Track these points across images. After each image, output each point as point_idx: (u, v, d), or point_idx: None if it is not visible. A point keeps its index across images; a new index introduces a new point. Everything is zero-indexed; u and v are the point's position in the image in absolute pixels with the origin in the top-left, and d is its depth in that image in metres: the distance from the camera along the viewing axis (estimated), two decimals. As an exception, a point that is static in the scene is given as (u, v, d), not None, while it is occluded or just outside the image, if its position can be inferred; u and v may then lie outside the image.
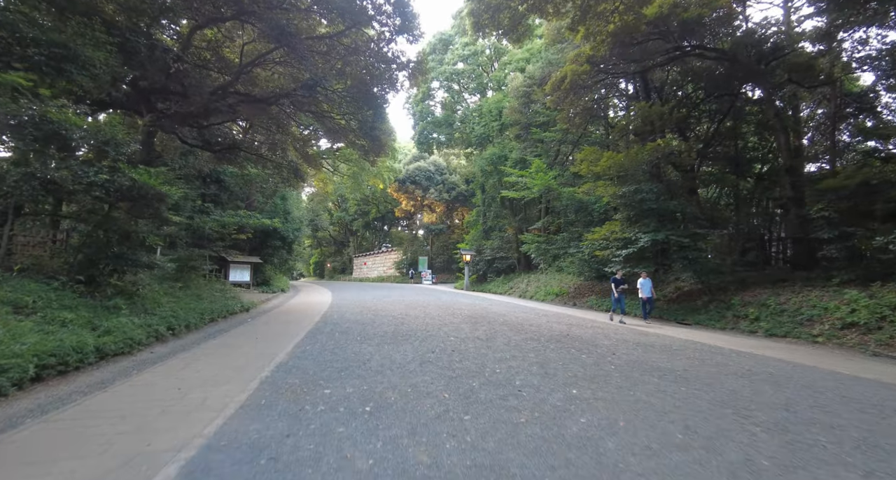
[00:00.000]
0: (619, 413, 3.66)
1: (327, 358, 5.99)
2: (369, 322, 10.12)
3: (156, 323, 7.46)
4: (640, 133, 13.93)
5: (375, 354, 6.23)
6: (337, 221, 54.77)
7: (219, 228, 18.88)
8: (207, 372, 5.25)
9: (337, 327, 9.32)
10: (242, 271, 21.43)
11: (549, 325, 9.76)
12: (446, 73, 24.49)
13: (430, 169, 42.56)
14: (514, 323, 10.12)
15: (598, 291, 17.48)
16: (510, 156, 21.67)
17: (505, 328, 9.02)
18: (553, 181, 17.02)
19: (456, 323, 10.02)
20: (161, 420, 3.55)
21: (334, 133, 16.09)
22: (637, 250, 12.52)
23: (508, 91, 20.19)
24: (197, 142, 16.25)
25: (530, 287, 22.31)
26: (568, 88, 14.14)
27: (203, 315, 9.76)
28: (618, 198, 12.97)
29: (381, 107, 14.18)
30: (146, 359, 6.11)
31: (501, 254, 27.29)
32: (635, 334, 9.01)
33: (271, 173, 18.76)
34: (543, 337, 7.74)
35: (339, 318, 10.95)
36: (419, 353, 6.25)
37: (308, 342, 7.48)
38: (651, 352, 6.69)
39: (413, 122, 28.24)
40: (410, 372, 5.12)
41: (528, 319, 10.98)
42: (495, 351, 6.37)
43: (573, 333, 8.48)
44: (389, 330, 8.80)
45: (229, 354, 6.46)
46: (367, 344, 7.18)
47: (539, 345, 6.88)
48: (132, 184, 6.79)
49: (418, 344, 7.08)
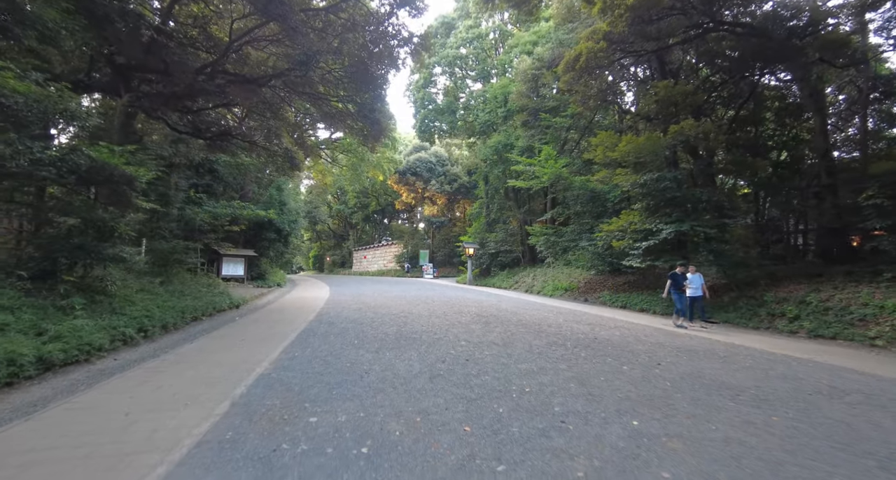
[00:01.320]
0: (712, 463, 2.66)
1: (318, 369, 5.04)
2: (368, 321, 9.17)
3: (123, 325, 6.51)
4: (660, 115, 12.86)
5: (375, 364, 5.28)
6: (336, 214, 53.76)
7: (211, 220, 17.96)
8: (170, 388, 4.29)
9: (332, 327, 8.37)
10: (236, 265, 20.47)
11: (569, 326, 8.80)
12: (449, 58, 23.28)
13: (431, 160, 41.44)
14: (529, 323, 9.16)
15: (610, 286, 16.53)
16: (516, 145, 20.58)
17: (522, 329, 8.05)
18: (564, 169, 15.98)
19: (465, 322, 9.07)
20: (76, 474, 2.59)
21: (331, 118, 15.04)
22: (659, 242, 11.55)
23: (515, 75, 19.07)
24: (187, 129, 15.23)
25: (537, 281, 21.37)
26: (584, 67, 13.04)
27: (184, 313, 8.81)
28: (637, 186, 11.95)
29: (382, 88, 13.12)
30: (105, 369, 5.16)
31: (506, 248, 26.30)
32: (666, 336, 8.06)
33: (266, 161, 17.74)
34: (569, 342, 6.77)
35: (335, 317, 10.00)
36: (427, 363, 5.29)
37: (298, 346, 6.53)
38: (698, 360, 5.74)
39: (414, 110, 27.07)
40: (418, 390, 4.16)
41: (543, 318, 10.03)
42: (517, 360, 5.40)
43: (600, 336, 7.52)
44: (391, 331, 7.84)
45: (204, 361, 5.51)
46: (365, 349, 6.22)
47: (567, 353, 5.92)
48: (91, 163, 5.78)
49: (425, 350, 6.12)
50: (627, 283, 16.12)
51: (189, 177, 19.08)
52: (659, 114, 12.84)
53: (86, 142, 5.71)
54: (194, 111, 14.82)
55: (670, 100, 12.19)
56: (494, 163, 22.62)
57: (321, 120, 15.25)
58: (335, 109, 14.51)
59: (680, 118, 12.21)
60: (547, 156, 16.42)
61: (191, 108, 14.39)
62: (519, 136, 20.68)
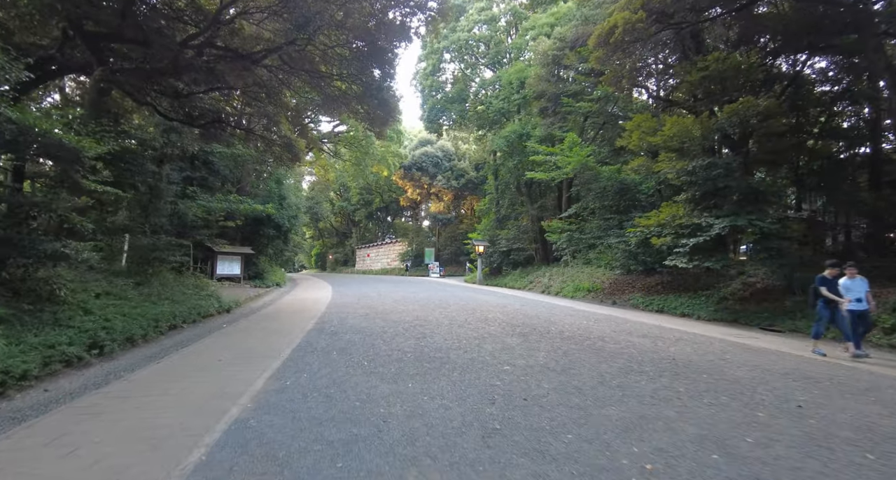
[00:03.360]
0: None
1: (315, 411, 3.56)
2: (378, 332, 7.67)
3: (66, 342, 5.05)
4: (708, 94, 11.30)
5: (396, 403, 3.79)
6: (339, 211, 52.29)
7: (204, 214, 16.53)
8: (90, 454, 2.81)
9: (335, 340, 6.88)
10: (232, 263, 19.02)
11: (624, 339, 7.26)
12: (460, 42, 21.74)
13: (437, 154, 39.93)
14: (574, 335, 7.63)
15: (640, 287, 14.97)
16: (533, 134, 19.02)
17: (572, 346, 6.52)
18: (590, 158, 14.43)
19: (496, 333, 7.56)
20: None
21: (334, 101, 13.53)
22: (711, 239, 10.01)
23: (533, 57, 17.52)
24: (178, 117, 13.79)
25: (554, 281, 19.85)
26: (619, 40, 11.49)
27: (159, 322, 7.35)
28: (685, 173, 10.41)
29: (391, 64, 11.61)
30: (19, 409, 3.70)
31: (518, 245, 24.76)
32: (749, 353, 6.52)
33: (263, 150, 16.31)
34: (645, 366, 5.21)
35: (338, 324, 8.51)
36: (470, 404, 3.78)
37: (292, 368, 5.05)
38: (842, 397, 4.21)
39: (421, 100, 25.53)
40: (471, 463, 2.64)
41: (585, 328, 8.50)
42: (596, 400, 3.84)
43: (675, 355, 5.95)
44: (408, 346, 6.35)
45: (163, 395, 4.04)
46: (378, 375, 4.74)
47: (657, 386, 4.34)
48: (13, 126, 4.30)
49: (459, 378, 4.62)
50: (660, 284, 14.56)
51: (182, 170, 17.74)
52: (707, 92, 11.28)
53: (6, 100, 4.26)
54: (184, 95, 13.35)
55: (721, 75, 10.64)
56: (508, 154, 21.06)
57: (323, 104, 13.76)
58: (338, 91, 13.00)
59: (732, 97, 10.67)
60: (571, 144, 14.87)
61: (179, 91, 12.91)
62: (536, 125, 19.12)
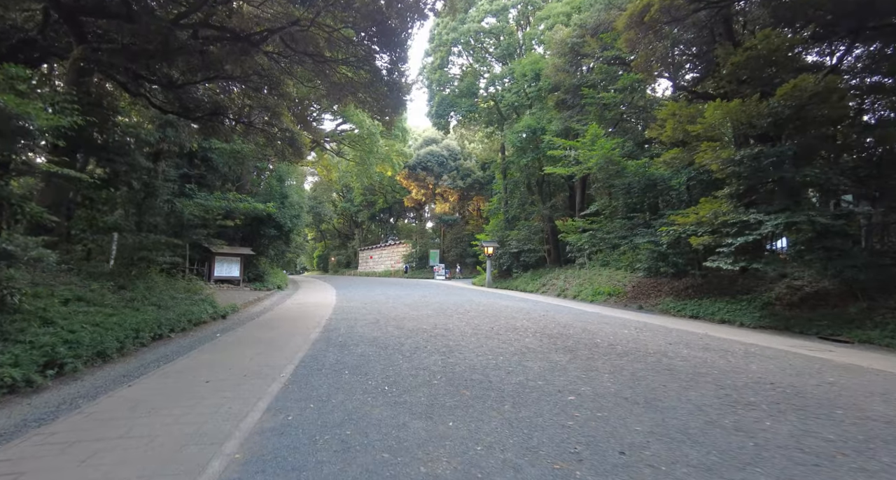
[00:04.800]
0: None
1: (327, 472, 2.48)
2: (394, 343, 6.59)
3: (7, 362, 3.99)
4: (754, 77, 10.22)
5: (438, 456, 2.71)
6: (341, 213, 51.29)
7: (201, 213, 15.55)
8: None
9: (345, 354, 5.81)
10: (230, 265, 17.98)
11: (690, 354, 6.14)
12: (470, 33, 20.71)
13: (443, 153, 38.94)
14: (630, 349, 6.52)
15: (668, 290, 13.86)
16: (548, 128, 17.96)
17: (636, 364, 5.41)
18: (615, 151, 13.35)
19: (536, 347, 6.46)
20: None
21: (339, 89, 12.51)
22: (764, 237, 8.92)
23: (548, 47, 16.50)
24: (173, 108, 12.81)
25: (569, 284, 18.76)
26: (653, 19, 10.45)
27: (139, 332, 6.30)
28: (731, 164, 9.32)
29: (402, 46, 10.59)
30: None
31: (529, 246, 23.67)
32: (844, 372, 5.43)
33: (264, 144, 15.30)
34: (747, 395, 4.02)
35: (347, 334, 7.44)
36: (546, 462, 2.65)
37: (295, 395, 3.98)
38: None
39: (428, 95, 24.51)
40: None
41: (636, 340, 7.38)
42: (731, 458, 2.64)
43: (774, 379, 4.83)
44: (435, 364, 5.27)
45: (116, 446, 2.97)
46: (406, 408, 3.66)
47: (796, 432, 3.19)
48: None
49: (514, 413, 3.54)
50: (691, 287, 13.43)
51: (180, 167, 16.79)
52: (752, 75, 10.20)
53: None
54: (179, 86, 12.36)
55: (771, 54, 9.57)
56: (521, 150, 19.98)
57: (328, 93, 12.72)
58: (344, 78, 11.98)
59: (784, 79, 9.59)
60: (593, 137, 13.80)
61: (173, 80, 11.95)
62: (552, 119, 18.05)
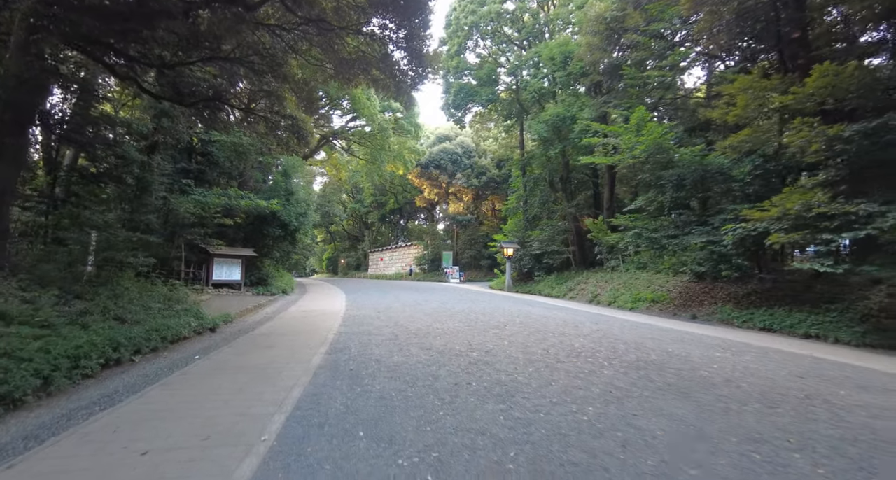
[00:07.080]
0: None
1: None
2: (424, 376, 4.87)
3: None
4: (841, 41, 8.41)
5: None
6: (351, 214, 49.87)
7: (197, 210, 14.08)
8: None
9: (358, 395, 4.10)
10: (231, 268, 16.45)
11: (833, 392, 4.33)
12: (491, 15, 19.03)
13: (457, 151, 37.31)
14: (755, 390, 4.70)
15: (725, 297, 11.96)
16: (579, 117, 16.19)
17: (806, 425, 3.67)
18: (667, 136, 11.53)
19: (630, 389, 4.69)
20: None
21: (349, 66, 10.89)
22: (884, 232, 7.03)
23: (583, 24, 14.74)
24: (167, 94, 11.33)
25: (602, 289, 16.90)
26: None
27: (80, 360, 4.67)
28: (840, 142, 7.45)
29: (424, 10, 8.93)
30: None
31: (553, 247, 21.82)
32: None
33: (266, 133, 13.82)
34: None
35: (359, 358, 5.74)
36: None
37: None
38: None
39: (444, 86, 22.86)
40: None
41: (745, 370, 5.57)
42: None
43: None
44: (496, 424, 3.54)
45: None
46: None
47: None
48: None
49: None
50: (754, 294, 11.50)
51: (177, 160, 15.42)
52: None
53: None
54: (170, 66, 10.83)
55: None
56: (549, 141, 18.19)
57: (336, 72, 11.12)
58: (356, 53, 10.37)
59: None
60: (640, 121, 11.99)
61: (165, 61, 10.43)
62: (584, 105, 16.26)
